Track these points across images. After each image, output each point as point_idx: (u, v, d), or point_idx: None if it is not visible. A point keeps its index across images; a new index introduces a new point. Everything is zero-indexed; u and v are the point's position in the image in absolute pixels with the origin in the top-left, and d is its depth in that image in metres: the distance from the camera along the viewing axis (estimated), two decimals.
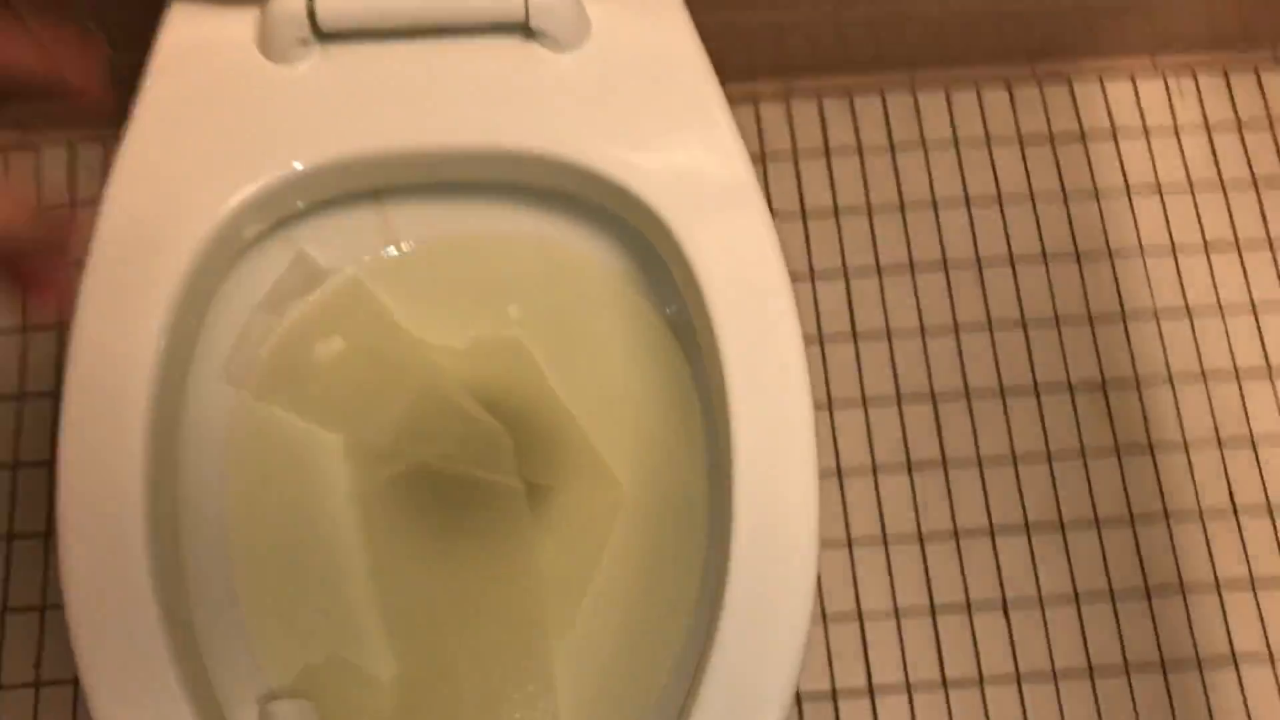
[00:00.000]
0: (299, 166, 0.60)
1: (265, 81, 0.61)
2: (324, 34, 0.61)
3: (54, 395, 0.94)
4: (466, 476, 0.68)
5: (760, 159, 1.03)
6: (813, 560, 0.57)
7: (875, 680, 0.90)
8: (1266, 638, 0.92)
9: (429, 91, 0.62)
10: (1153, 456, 0.96)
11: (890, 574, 0.93)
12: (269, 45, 0.61)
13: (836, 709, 0.90)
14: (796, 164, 1.03)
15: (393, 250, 0.71)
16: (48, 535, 0.91)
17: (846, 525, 0.94)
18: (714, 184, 0.63)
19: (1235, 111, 1.05)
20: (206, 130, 0.61)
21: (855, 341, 0.99)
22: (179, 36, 0.62)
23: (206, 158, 0.60)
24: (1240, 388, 0.98)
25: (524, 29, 0.62)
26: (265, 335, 0.68)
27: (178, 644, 0.57)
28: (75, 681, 0.87)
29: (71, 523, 0.57)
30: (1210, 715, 0.91)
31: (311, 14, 0.60)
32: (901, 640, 0.92)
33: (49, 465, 0.92)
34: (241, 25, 0.62)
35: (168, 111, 0.61)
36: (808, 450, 0.59)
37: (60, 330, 0.95)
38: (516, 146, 0.61)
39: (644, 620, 0.67)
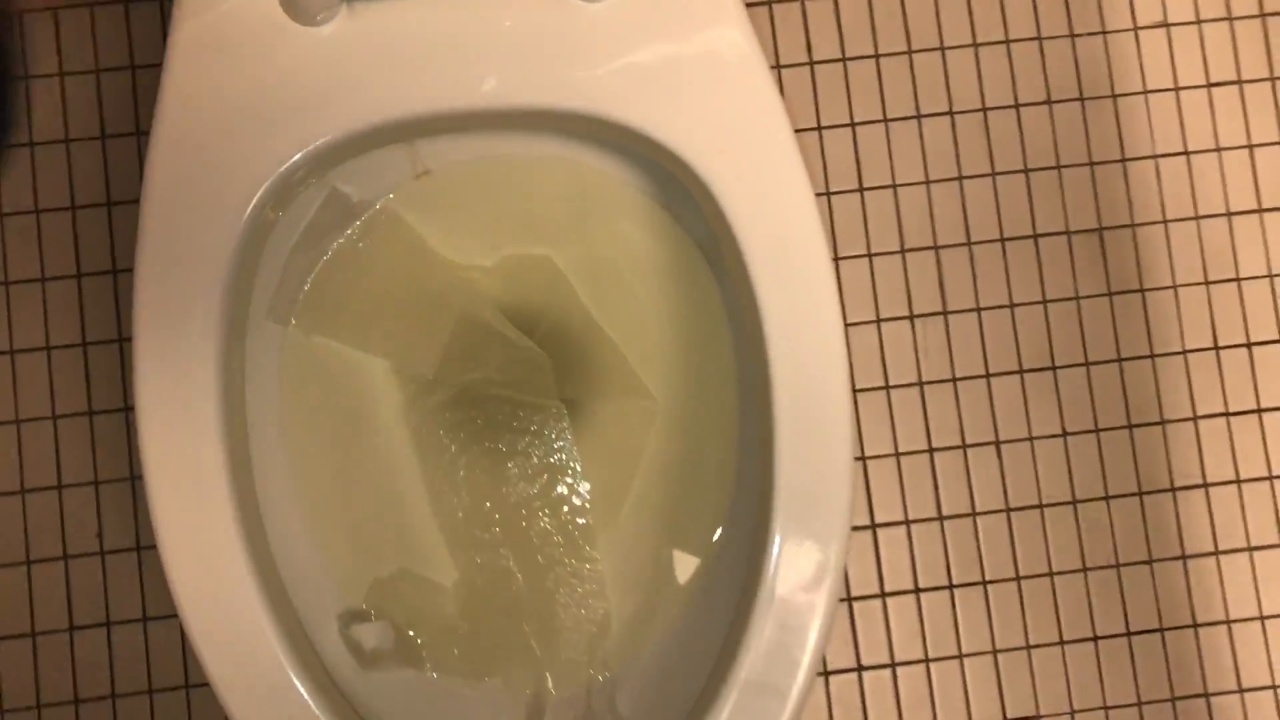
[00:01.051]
0: (339, 134, 0.61)
1: (294, 45, 0.61)
2: None
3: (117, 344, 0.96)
4: (509, 398, 0.72)
5: (766, 3, 1.02)
6: (850, 448, 0.63)
7: (877, 519, 0.99)
8: (1236, 468, 1.00)
9: (459, 48, 0.62)
10: (1143, 298, 1.01)
11: (892, 420, 1.00)
12: (293, 7, 0.61)
13: None
14: (804, 9, 1.02)
15: (423, 179, 0.72)
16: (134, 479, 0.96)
17: (851, 373, 1.00)
18: (735, 113, 0.64)
19: None
20: (243, 97, 0.61)
21: (861, 195, 1.01)
22: None
23: (247, 126, 0.61)
24: (1230, 227, 1.02)
25: None
26: (305, 273, 0.71)
27: (260, 567, 0.63)
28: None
29: (157, 465, 0.62)
30: (1180, 535, 1.00)
31: None
32: (901, 479, 0.99)
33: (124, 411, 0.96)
34: None
35: (201, 73, 0.61)
36: (839, 358, 0.65)
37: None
38: (550, 104, 0.62)
39: (682, 518, 0.73)
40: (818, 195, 1.01)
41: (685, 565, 0.72)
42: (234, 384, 0.64)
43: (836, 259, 1.00)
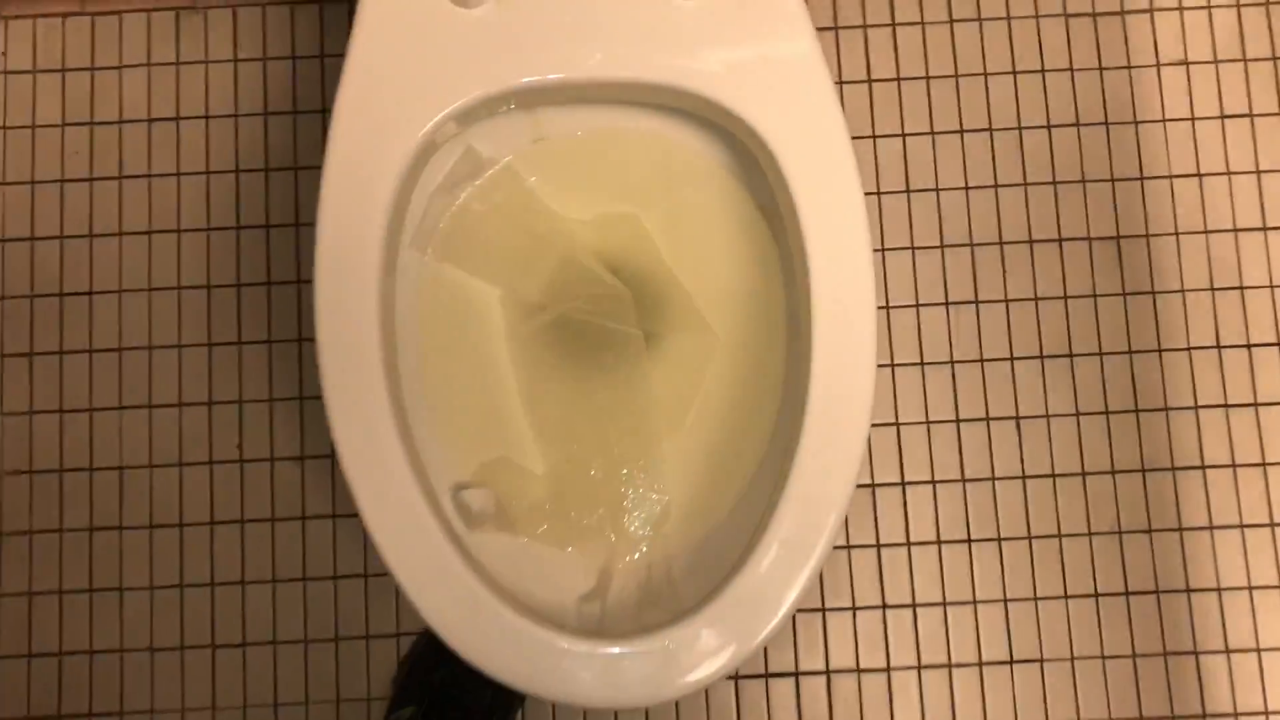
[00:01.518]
0: (483, 92, 0.78)
1: (453, 23, 0.78)
2: None
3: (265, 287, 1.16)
4: (598, 325, 0.88)
5: (834, 29, 1.18)
6: (870, 389, 0.77)
7: (907, 478, 1.13)
8: (1232, 453, 1.13)
9: (580, 31, 0.79)
10: (1153, 299, 1.15)
11: (925, 392, 1.14)
12: None
13: (874, 496, 1.13)
14: (865, 34, 1.18)
15: (539, 144, 0.89)
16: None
17: (890, 350, 1.15)
18: (802, 101, 0.80)
19: None
20: (412, 61, 0.78)
21: (908, 196, 1.16)
22: None
23: (415, 83, 0.78)
24: (1236, 242, 1.15)
25: None
26: (442, 212, 0.87)
27: (402, 434, 0.78)
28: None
29: (328, 346, 0.77)
30: (1178, 509, 1.12)
31: None
32: (930, 445, 1.13)
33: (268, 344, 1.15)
34: None
35: (380, 43, 0.78)
36: (869, 309, 0.79)
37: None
38: (647, 78, 0.79)
39: (734, 431, 0.88)
40: (870, 195, 1.16)
41: (735, 469, 0.87)
42: (387, 298, 0.80)
43: (883, 250, 1.15)
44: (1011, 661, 1.11)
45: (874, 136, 1.17)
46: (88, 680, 1.10)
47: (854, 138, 1.08)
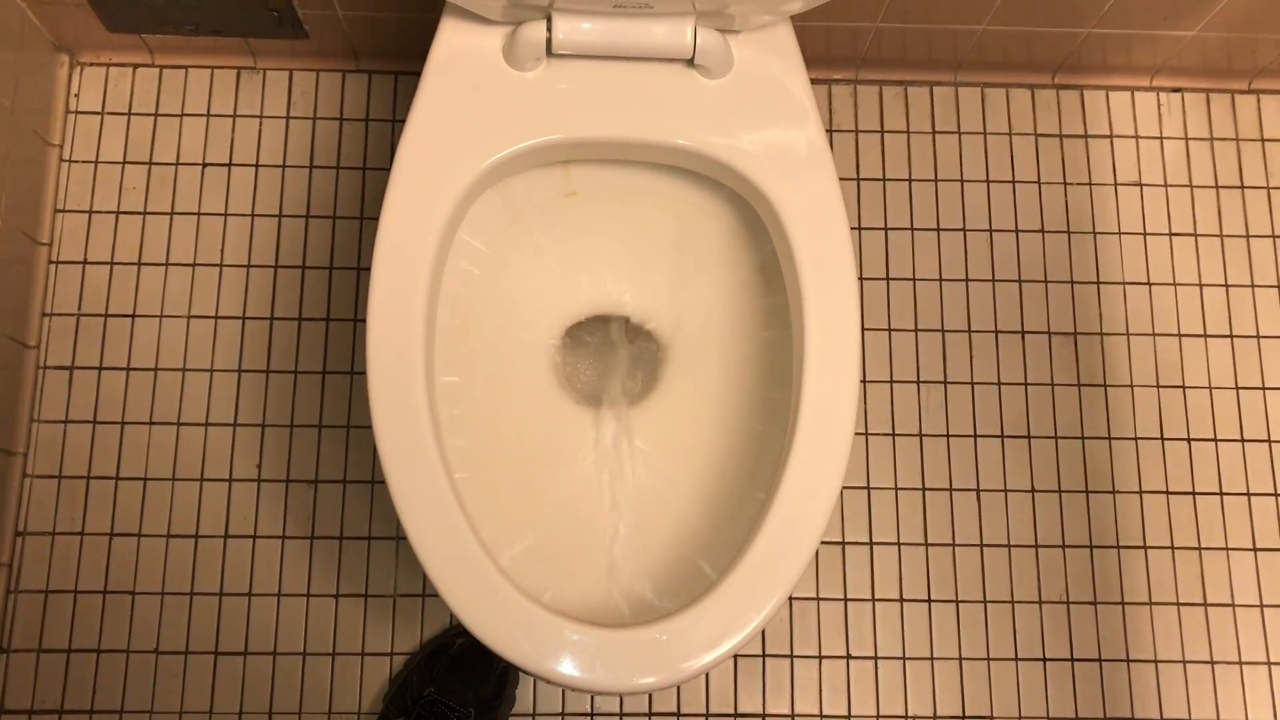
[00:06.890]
0: (528, 144, 0.89)
1: (507, 83, 0.90)
2: (552, 53, 0.90)
3: (296, 321, 1.26)
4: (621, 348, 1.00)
5: (829, 131, 1.31)
6: (850, 429, 0.87)
7: (875, 538, 1.22)
8: (1171, 536, 1.23)
9: (618, 98, 0.91)
10: (1105, 392, 1.26)
11: (894, 461, 1.24)
12: (512, 57, 0.90)
13: (844, 553, 1.22)
14: (857, 138, 1.31)
15: (570, 197, 1.00)
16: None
17: (865, 420, 1.25)
18: (805, 173, 0.92)
19: (1210, 128, 1.32)
20: (468, 114, 0.90)
21: (887, 283, 1.28)
22: (449, 43, 0.91)
23: (469, 132, 0.89)
24: (1180, 346, 1.28)
25: (689, 62, 0.90)
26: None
27: (442, 457, 0.87)
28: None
29: (376, 347, 0.86)
30: (1121, 584, 1.22)
31: (548, 41, 0.88)
32: (897, 509, 1.23)
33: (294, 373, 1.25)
34: (492, 39, 0.91)
35: (443, 96, 0.90)
36: (854, 353, 0.89)
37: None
38: (674, 143, 0.90)
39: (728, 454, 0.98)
40: None
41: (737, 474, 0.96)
42: (431, 306, 0.90)
43: (863, 330, 1.27)
44: (964, 717, 1.19)
45: (860, 228, 1.29)
46: (92, 678, 1.16)
47: None
